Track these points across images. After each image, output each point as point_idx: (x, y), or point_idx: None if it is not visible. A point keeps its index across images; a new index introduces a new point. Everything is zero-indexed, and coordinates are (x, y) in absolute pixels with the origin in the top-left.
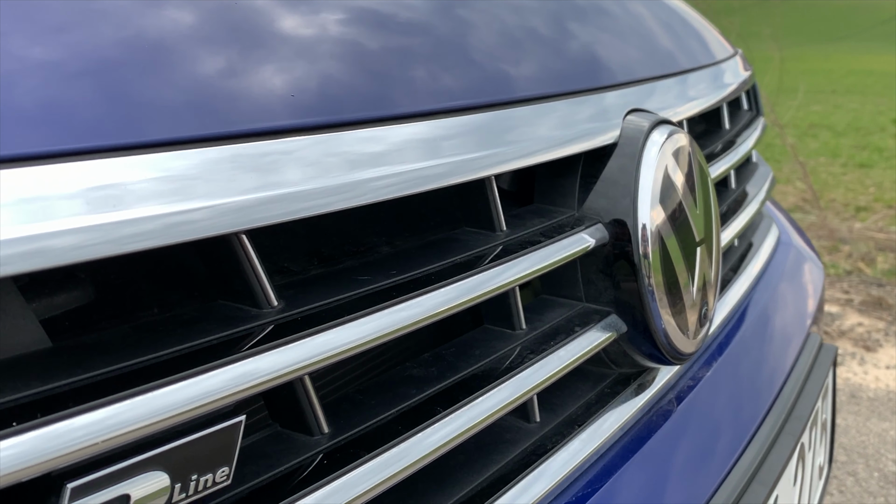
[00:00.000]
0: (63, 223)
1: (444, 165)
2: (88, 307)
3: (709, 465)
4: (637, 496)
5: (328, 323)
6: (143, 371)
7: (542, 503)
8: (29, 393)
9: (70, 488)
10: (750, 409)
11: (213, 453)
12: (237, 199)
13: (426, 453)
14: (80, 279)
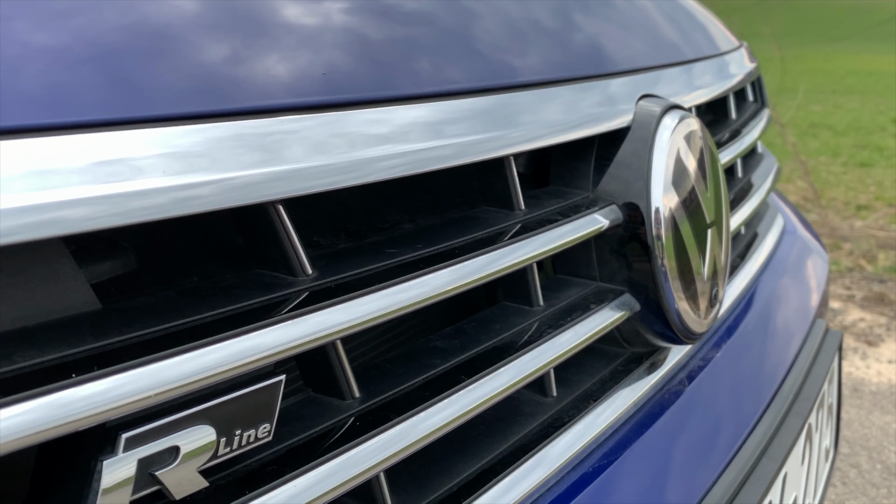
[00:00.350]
0: (118, 187)
1: (466, 144)
2: (132, 274)
3: (719, 442)
4: (651, 469)
5: (360, 291)
6: (190, 331)
7: (560, 473)
8: (85, 348)
9: (125, 438)
10: (758, 389)
11: (256, 410)
12: (274, 170)
13: (452, 419)
14: (123, 248)
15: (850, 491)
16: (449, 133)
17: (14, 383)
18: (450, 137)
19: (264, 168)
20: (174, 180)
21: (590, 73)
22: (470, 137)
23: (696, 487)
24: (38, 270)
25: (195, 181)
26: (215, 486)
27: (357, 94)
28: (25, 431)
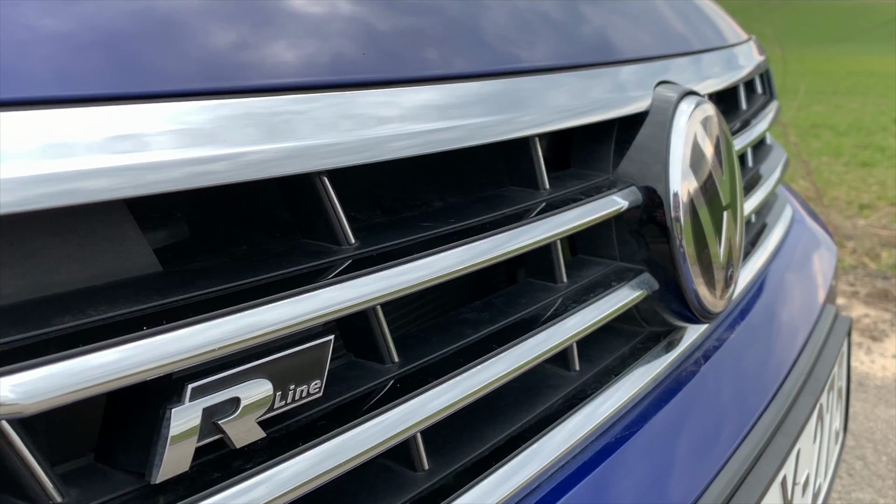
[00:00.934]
0: (181, 153)
1: (496, 122)
2: (186, 242)
3: (735, 418)
4: (671, 441)
5: (401, 259)
6: (246, 292)
7: (584, 443)
8: (152, 305)
9: (191, 388)
10: (771, 369)
11: (308, 367)
12: (320, 142)
13: (485, 384)
14: (177, 217)
15: (857, 482)
16: (481, 113)
17: (89, 335)
18: (482, 116)
19: (310, 141)
20: (234, 149)
21: (607, 59)
22: (499, 116)
23: (714, 459)
24: (104, 233)
25: (252, 150)
26: (271, 438)
27: (399, 73)
28: (99, 379)
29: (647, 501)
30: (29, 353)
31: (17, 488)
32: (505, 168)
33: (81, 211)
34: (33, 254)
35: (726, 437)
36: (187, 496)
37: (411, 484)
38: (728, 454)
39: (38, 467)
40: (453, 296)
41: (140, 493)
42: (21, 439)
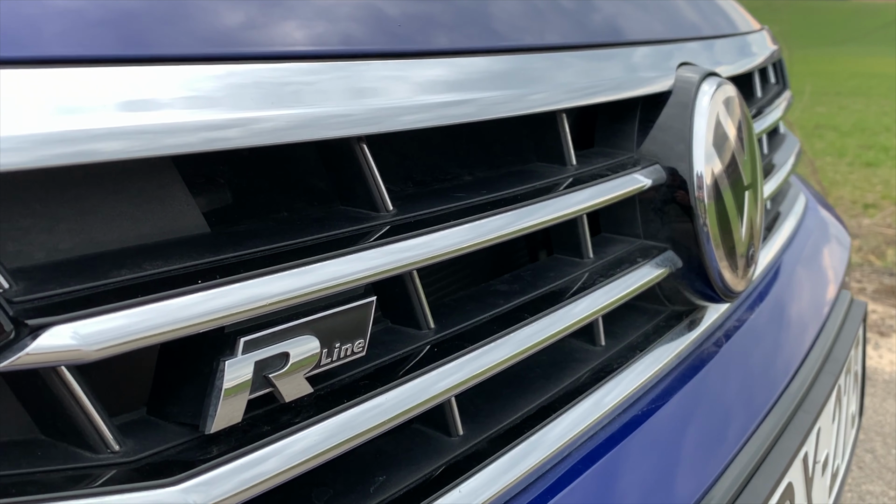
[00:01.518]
0: (228, 115)
1: (521, 95)
2: (228, 208)
3: (758, 395)
4: (696, 415)
5: (439, 225)
6: (293, 252)
7: (612, 415)
8: (204, 261)
9: (243, 342)
10: (791, 349)
11: (352, 327)
12: (360, 108)
13: (519, 350)
14: (219, 184)
15: (867, 475)
16: (510, 86)
17: (146, 287)
18: (512, 89)
19: (350, 107)
20: (280, 112)
21: (629, 40)
22: (527, 90)
23: (737, 435)
24: (154, 193)
25: (295, 113)
26: (317, 395)
27: (432, 46)
28: (156, 329)
29: (674, 472)
30: (89, 303)
31: (76, 437)
32: (532, 145)
33: (131, 171)
34: (88, 211)
35: (749, 414)
36: (240, 447)
37: (447, 448)
38: (751, 430)
39: (96, 415)
40: (474, 277)
41: (195, 443)
42: (81, 387)
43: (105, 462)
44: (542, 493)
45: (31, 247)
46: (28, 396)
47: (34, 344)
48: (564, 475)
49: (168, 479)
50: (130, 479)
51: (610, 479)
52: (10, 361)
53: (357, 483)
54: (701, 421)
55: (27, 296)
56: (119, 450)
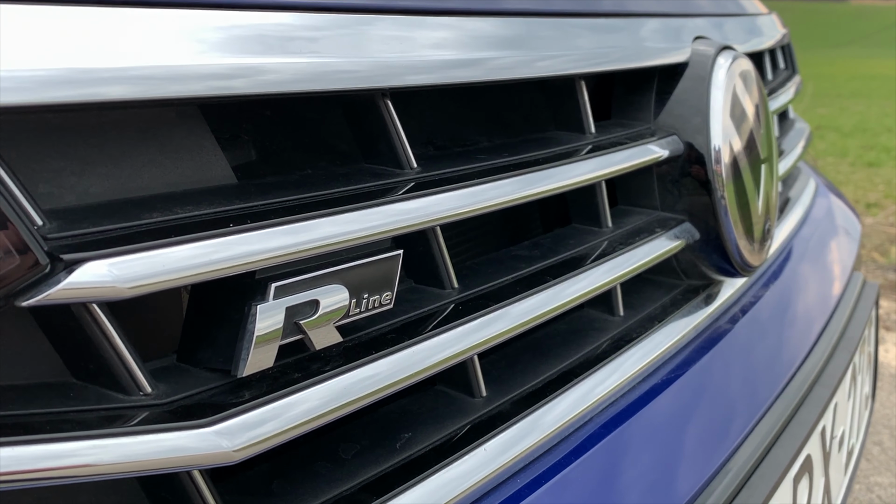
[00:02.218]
0: (257, 60)
1: (543, 58)
2: (253, 164)
3: (775, 368)
4: (714, 387)
5: (463, 182)
6: (321, 203)
7: (633, 382)
8: (234, 207)
9: (274, 287)
10: (807, 325)
11: (379, 278)
12: (385, 59)
13: (543, 311)
14: (244, 140)
15: (875, 467)
16: (528, 48)
17: (179, 230)
18: (530, 51)
19: (374, 58)
20: (306, 59)
21: (638, 11)
22: (547, 52)
23: (756, 406)
24: (182, 142)
25: (320, 62)
26: (345, 346)
27: (456, 5)
28: (191, 270)
29: (693, 441)
30: (123, 241)
31: (108, 378)
32: (551, 115)
33: (158, 119)
34: (117, 156)
35: (766, 387)
36: (271, 392)
37: (471, 409)
38: (769, 403)
39: (129, 356)
40: (487, 250)
41: (226, 388)
42: (113, 327)
43: (137, 404)
44: (564, 457)
45: (61, 189)
46: (60, 337)
47: (69, 279)
48: (587, 440)
49: (201, 420)
50: (163, 420)
51: (632, 444)
52: (44, 295)
53: (383, 439)
54: (719, 392)
55: (60, 233)
56: (151, 392)
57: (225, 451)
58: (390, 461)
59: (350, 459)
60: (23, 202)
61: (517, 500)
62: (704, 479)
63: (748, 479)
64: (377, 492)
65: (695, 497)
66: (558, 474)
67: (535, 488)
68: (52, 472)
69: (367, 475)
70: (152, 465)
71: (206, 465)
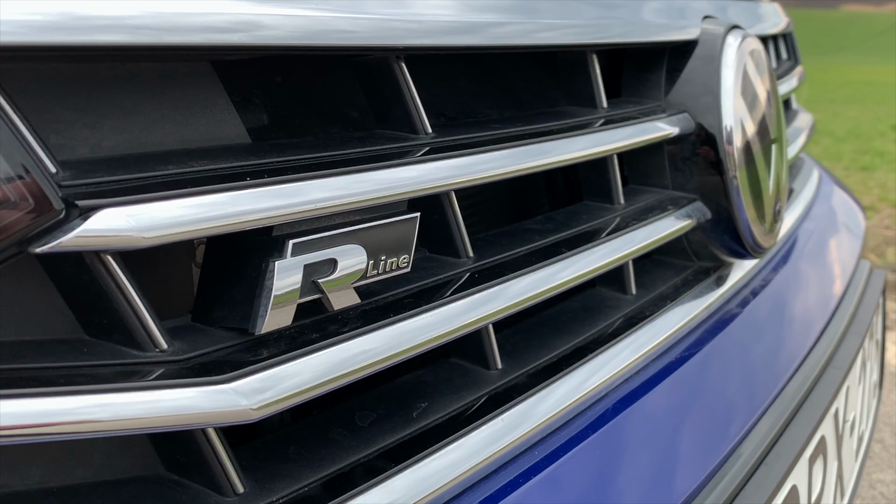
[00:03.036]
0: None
1: (555, 26)
2: (265, 128)
3: (788, 349)
4: (727, 367)
5: (478, 148)
6: (337, 162)
7: (647, 360)
8: (251, 163)
9: (292, 244)
10: (817, 309)
11: (397, 241)
12: (399, 17)
13: (559, 282)
14: (256, 104)
15: (877, 464)
16: (537, 16)
17: (194, 182)
18: (543, 19)
19: (388, 16)
20: (316, 12)
21: None
22: (558, 20)
23: (771, 384)
24: (196, 98)
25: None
26: (363, 309)
27: None
28: (209, 223)
29: (708, 420)
30: (140, 191)
31: (122, 334)
32: (562, 94)
33: (172, 74)
34: (130, 110)
35: (780, 367)
36: (289, 350)
37: (487, 380)
38: (783, 382)
39: (144, 311)
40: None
41: (244, 346)
42: (128, 279)
43: (153, 360)
44: (582, 430)
45: (74, 141)
46: (73, 292)
47: (84, 225)
48: (604, 414)
49: (220, 376)
50: (181, 376)
51: (649, 420)
52: (58, 242)
53: (399, 408)
54: (733, 372)
55: (75, 181)
56: (167, 349)
57: (244, 409)
58: (408, 429)
59: (367, 427)
60: (36, 148)
61: (535, 473)
62: (721, 456)
63: (765, 457)
64: (396, 459)
65: (713, 473)
66: (576, 447)
67: (553, 460)
68: (66, 426)
69: (384, 442)
70: (170, 421)
71: (225, 422)
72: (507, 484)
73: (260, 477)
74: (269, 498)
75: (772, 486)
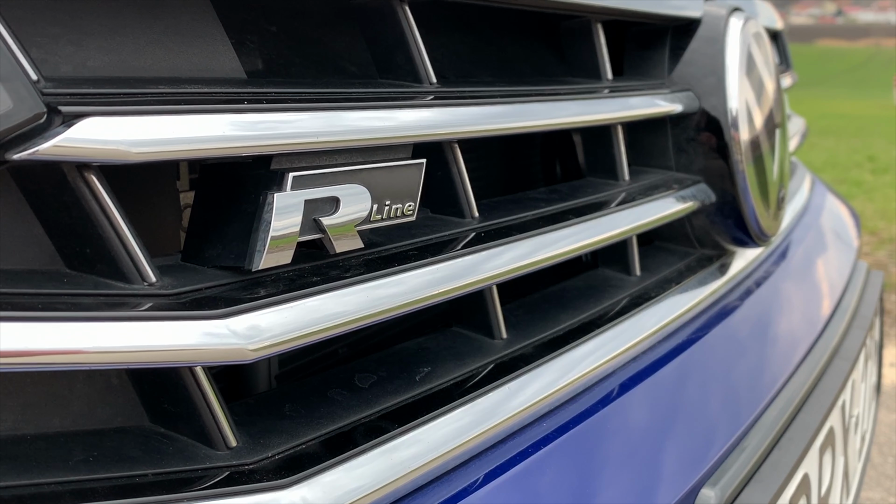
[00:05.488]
0: None
1: None
2: (260, 73)
3: (793, 338)
4: (734, 351)
5: (484, 100)
6: (338, 98)
7: (654, 340)
8: (248, 91)
9: (292, 176)
10: (819, 302)
11: (402, 186)
12: None
13: (567, 248)
14: (250, 48)
15: (866, 483)
16: None
17: (188, 102)
18: None
19: None
20: None
21: None
22: None
23: (779, 372)
24: (189, 26)
25: None
26: (366, 258)
27: None
28: (204, 144)
29: (718, 403)
30: (130, 103)
31: (106, 264)
32: (564, 68)
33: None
34: (118, 31)
35: (786, 354)
36: (287, 291)
37: (492, 349)
38: (791, 370)
39: (130, 238)
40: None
41: (240, 285)
42: (114, 204)
43: (140, 292)
44: (591, 406)
45: (57, 57)
46: (52, 215)
47: (67, 133)
48: (612, 392)
49: (214, 311)
50: (172, 309)
51: (657, 400)
52: (37, 149)
53: (401, 372)
54: (739, 359)
55: (58, 89)
56: (156, 282)
57: (239, 348)
58: (410, 392)
59: (367, 389)
60: (15, 50)
61: (543, 444)
62: (732, 440)
63: (777, 441)
64: (399, 420)
65: (724, 455)
66: (584, 422)
67: (561, 434)
68: (43, 357)
69: (386, 404)
70: (159, 357)
71: (218, 361)
72: (517, 455)
73: (254, 432)
74: (264, 454)
75: (785, 471)
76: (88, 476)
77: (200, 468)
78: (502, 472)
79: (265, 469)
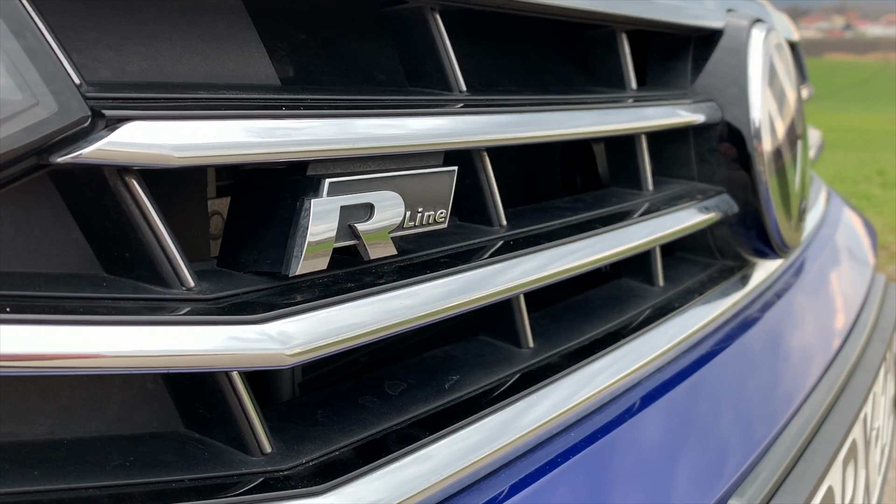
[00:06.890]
0: None
1: None
2: (291, 80)
3: (815, 350)
4: (755, 364)
5: (513, 108)
6: (372, 105)
7: (679, 350)
8: (284, 97)
9: (328, 182)
10: (839, 315)
11: (434, 194)
12: None
13: (591, 259)
14: (282, 56)
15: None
16: None
17: (228, 106)
18: None
19: None
20: None
21: None
22: None
23: (801, 384)
24: (225, 33)
25: None
26: (399, 265)
27: None
28: (247, 150)
29: (740, 415)
30: (174, 109)
31: (145, 269)
32: (588, 76)
33: (201, 5)
34: (156, 36)
35: (809, 366)
36: (324, 297)
37: (519, 358)
38: (814, 381)
39: (170, 242)
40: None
41: (277, 290)
42: (154, 209)
43: (179, 297)
44: (619, 415)
45: (96, 62)
46: (91, 219)
47: (111, 136)
48: (640, 401)
49: (252, 316)
50: (209, 314)
51: (682, 410)
52: (81, 153)
53: (430, 380)
54: (762, 370)
55: (100, 93)
56: (195, 287)
57: (277, 353)
58: (440, 400)
59: (397, 396)
60: (59, 55)
61: (571, 454)
62: (756, 452)
63: (802, 453)
64: (430, 428)
65: (750, 467)
66: (612, 432)
67: (590, 443)
68: (81, 360)
69: (417, 412)
70: (197, 362)
71: (256, 366)
72: (547, 463)
73: (287, 438)
74: (298, 460)
75: (811, 483)
76: (126, 481)
77: (236, 474)
78: (532, 482)
79: (300, 475)
